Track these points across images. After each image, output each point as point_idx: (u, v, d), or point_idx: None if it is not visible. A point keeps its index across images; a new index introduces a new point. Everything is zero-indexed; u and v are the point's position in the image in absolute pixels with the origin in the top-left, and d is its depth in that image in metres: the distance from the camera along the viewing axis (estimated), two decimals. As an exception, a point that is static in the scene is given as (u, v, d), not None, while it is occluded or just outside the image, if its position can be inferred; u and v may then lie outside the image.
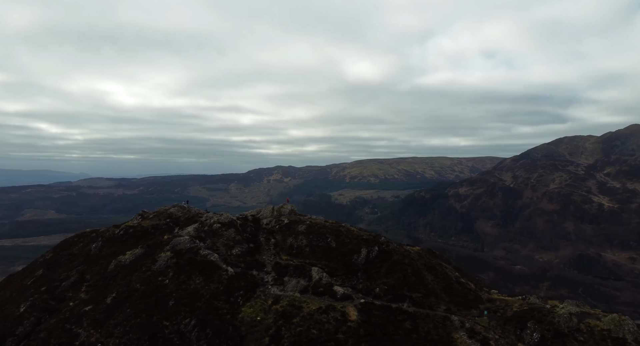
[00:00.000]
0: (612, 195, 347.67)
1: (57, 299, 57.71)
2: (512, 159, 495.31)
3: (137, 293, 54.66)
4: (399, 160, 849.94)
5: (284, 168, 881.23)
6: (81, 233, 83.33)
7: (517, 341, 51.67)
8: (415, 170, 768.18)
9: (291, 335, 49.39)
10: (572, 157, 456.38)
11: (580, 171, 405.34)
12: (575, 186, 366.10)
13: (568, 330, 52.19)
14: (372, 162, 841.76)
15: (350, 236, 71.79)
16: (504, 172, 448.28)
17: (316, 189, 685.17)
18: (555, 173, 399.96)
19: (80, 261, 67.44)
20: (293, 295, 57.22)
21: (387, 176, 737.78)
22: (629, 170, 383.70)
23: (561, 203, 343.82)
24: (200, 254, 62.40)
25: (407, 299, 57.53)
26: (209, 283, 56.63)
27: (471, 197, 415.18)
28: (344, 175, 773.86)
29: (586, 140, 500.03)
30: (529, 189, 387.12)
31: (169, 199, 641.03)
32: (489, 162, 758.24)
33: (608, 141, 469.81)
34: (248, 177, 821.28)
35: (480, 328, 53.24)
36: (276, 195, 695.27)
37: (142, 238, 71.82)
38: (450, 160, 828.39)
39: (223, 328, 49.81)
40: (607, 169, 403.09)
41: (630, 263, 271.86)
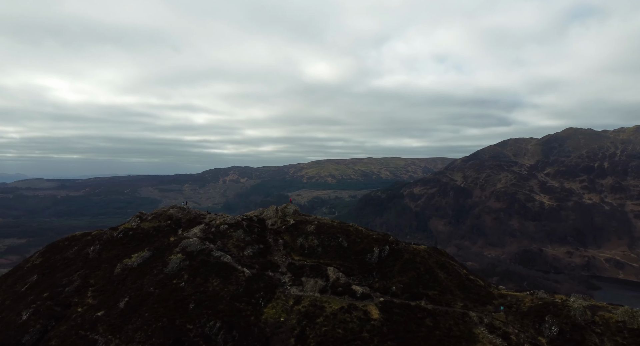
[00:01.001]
0: (551, 194, 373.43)
1: (63, 305, 55.42)
2: (462, 160, 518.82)
3: (152, 297, 53.26)
4: (355, 160, 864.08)
5: (240, 168, 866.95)
6: (71, 237, 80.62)
7: (536, 335, 52.73)
8: (371, 170, 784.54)
9: (317, 335, 49.54)
10: (516, 158, 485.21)
11: (523, 171, 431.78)
12: (520, 186, 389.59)
13: (585, 322, 53.65)
14: (329, 162, 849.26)
15: (360, 235, 72.23)
16: (455, 172, 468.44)
17: (274, 190, 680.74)
18: (501, 173, 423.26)
19: (79, 266, 64.92)
20: (313, 295, 57.30)
21: (344, 176, 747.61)
22: (565, 170, 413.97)
23: (507, 202, 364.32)
24: (213, 256, 61.34)
25: (423, 297, 58.46)
26: (227, 285, 55.80)
27: (425, 196, 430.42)
28: (302, 175, 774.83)
29: (528, 142, 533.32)
30: (478, 189, 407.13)
31: (118, 201, 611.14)
32: (440, 162, 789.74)
33: (547, 143, 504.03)
34: (203, 177, 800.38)
35: (499, 323, 54.27)
36: (232, 196, 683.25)
37: (145, 240, 69.89)
38: (404, 161, 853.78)
39: (249, 330, 49.33)
40: (547, 169, 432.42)
41: (567, 257, 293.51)
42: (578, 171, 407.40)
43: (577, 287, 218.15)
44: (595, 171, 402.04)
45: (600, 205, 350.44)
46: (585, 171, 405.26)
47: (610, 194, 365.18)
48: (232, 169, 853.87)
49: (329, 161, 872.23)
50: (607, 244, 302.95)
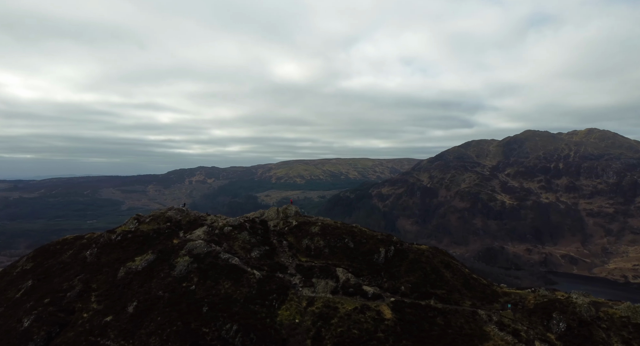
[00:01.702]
0: (512, 193, 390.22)
1: (66, 311, 53.71)
2: (428, 161, 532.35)
3: (163, 301, 52.27)
4: (324, 161, 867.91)
5: (207, 169, 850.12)
6: (62, 240, 78.36)
7: (545, 332, 54.08)
8: (340, 171, 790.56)
9: (332, 336, 49.73)
10: (478, 159, 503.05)
11: (486, 171, 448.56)
12: (482, 186, 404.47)
13: (590, 318, 55.30)
14: (297, 163, 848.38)
15: (365, 236, 72.56)
16: (422, 173, 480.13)
17: (242, 191, 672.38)
18: (465, 173, 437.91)
19: (78, 270, 63.04)
20: (325, 296, 57.33)
21: (312, 176, 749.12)
22: (524, 171, 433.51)
23: (471, 201, 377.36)
24: (221, 259, 60.61)
25: (432, 296, 59.19)
26: (239, 288, 55.26)
27: (393, 196, 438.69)
28: (270, 176, 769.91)
29: (490, 144, 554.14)
30: (443, 189, 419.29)
31: (77, 203, 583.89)
32: (406, 163, 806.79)
33: (507, 144, 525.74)
34: (168, 178, 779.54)
35: (508, 320, 55.31)
36: (199, 197, 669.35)
37: (145, 243, 68.41)
38: (372, 161, 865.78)
39: (266, 332, 49.08)
40: (507, 170, 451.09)
41: (527, 254, 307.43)
42: (536, 172, 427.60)
43: (536, 283, 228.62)
44: (551, 171, 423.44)
45: (556, 204, 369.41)
46: (542, 171, 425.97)
47: (565, 194, 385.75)
48: (198, 170, 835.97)
49: (298, 161, 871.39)
50: (563, 241, 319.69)
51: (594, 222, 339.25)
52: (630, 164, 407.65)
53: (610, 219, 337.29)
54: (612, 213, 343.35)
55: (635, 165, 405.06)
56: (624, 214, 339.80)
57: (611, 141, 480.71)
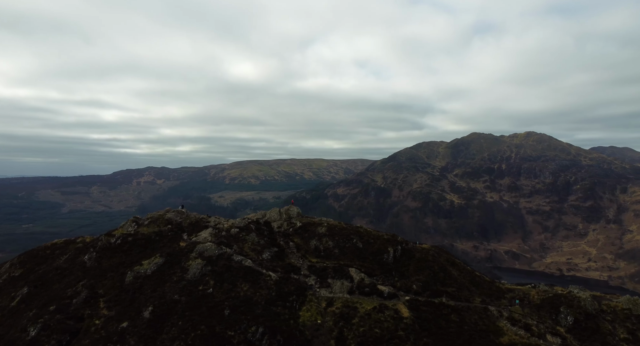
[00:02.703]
0: (460, 193, 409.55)
1: (74, 318, 51.71)
2: (382, 162, 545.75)
3: (180, 305, 51.18)
4: (279, 161, 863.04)
5: (156, 169, 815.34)
6: (51, 245, 75.63)
7: (554, 325, 56.09)
8: (295, 171, 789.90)
9: (355, 335, 49.98)
10: (429, 160, 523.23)
11: (436, 172, 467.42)
12: (433, 186, 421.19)
13: (595, 312, 57.80)
14: (252, 163, 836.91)
15: (371, 236, 73.07)
16: (376, 173, 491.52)
17: (194, 192, 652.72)
18: (417, 174, 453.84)
19: (79, 275, 60.71)
20: (342, 296, 57.50)
21: (267, 177, 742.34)
22: (471, 171, 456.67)
23: (422, 201, 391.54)
24: (234, 261, 59.78)
25: (443, 294, 60.27)
26: (257, 290, 54.55)
27: (348, 197, 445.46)
28: (224, 176, 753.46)
29: (439, 145, 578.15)
30: (396, 189, 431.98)
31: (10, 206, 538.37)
32: (360, 164, 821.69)
33: (455, 146, 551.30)
34: (114, 179, 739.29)
35: (518, 316, 56.99)
36: (148, 198, 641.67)
37: (148, 246, 66.53)
38: (326, 162, 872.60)
39: (292, 334, 48.76)
40: (455, 170, 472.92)
41: (474, 250, 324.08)
42: (481, 172, 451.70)
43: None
44: (495, 172, 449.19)
45: (499, 203, 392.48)
46: (487, 172, 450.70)
47: (508, 193, 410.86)
48: (147, 170, 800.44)
49: (252, 161, 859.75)
50: (506, 238, 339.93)
51: (533, 219, 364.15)
52: (563, 166, 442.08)
53: (547, 216, 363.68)
54: (548, 210, 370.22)
55: (568, 166, 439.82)
56: (559, 212, 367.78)
57: (547, 143, 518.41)
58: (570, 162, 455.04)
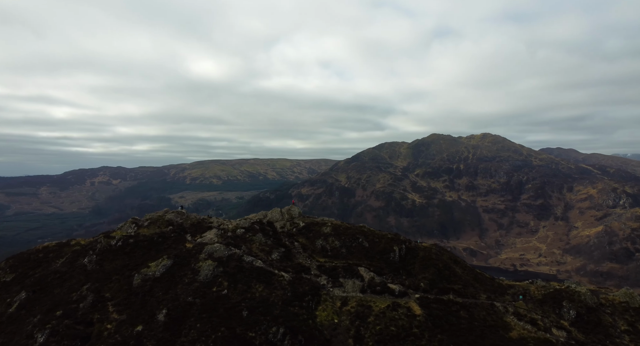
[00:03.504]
0: (421, 192, 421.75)
1: (84, 323, 50.38)
2: (345, 162, 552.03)
3: (196, 307, 50.56)
4: (242, 161, 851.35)
5: (111, 169, 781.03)
6: (42, 248, 73.10)
7: (558, 319, 57.85)
8: (258, 171, 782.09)
9: (372, 334, 50.51)
10: (391, 161, 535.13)
11: (398, 172, 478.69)
12: (395, 185, 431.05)
13: (595, 305, 59.95)
14: (213, 163, 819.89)
15: (376, 235, 73.57)
16: (340, 173, 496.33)
17: (153, 192, 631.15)
18: (380, 173, 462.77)
19: (81, 279, 59.11)
20: (355, 295, 57.80)
21: (230, 177, 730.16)
22: (431, 171, 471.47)
23: (385, 200, 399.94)
24: (245, 261, 59.40)
25: (450, 291, 61.23)
26: (273, 290, 54.35)
27: (312, 197, 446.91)
28: (184, 176, 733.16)
29: (401, 146, 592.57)
30: (360, 189, 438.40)
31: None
32: (323, 164, 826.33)
33: (416, 147, 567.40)
34: (65, 179, 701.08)
35: (524, 311, 58.49)
36: (103, 199, 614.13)
37: (152, 248, 65.15)
38: (290, 162, 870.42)
39: (312, 334, 48.91)
40: (416, 170, 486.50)
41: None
42: (441, 172, 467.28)
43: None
44: (454, 172, 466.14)
45: (458, 202, 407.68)
46: (446, 172, 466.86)
47: (466, 192, 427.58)
48: (101, 170, 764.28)
49: (214, 161, 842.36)
50: (464, 235, 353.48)
51: (489, 217, 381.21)
52: (516, 166, 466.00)
53: (502, 214, 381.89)
54: (503, 209, 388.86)
55: (520, 166, 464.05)
56: (512, 210, 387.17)
57: (501, 144, 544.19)
58: (523, 163, 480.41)
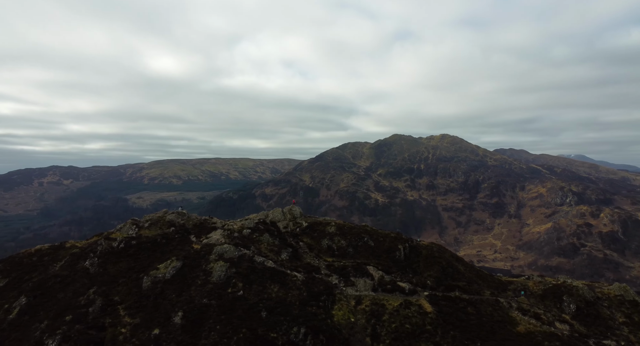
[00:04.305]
0: (383, 192, 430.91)
1: (96, 328, 49.23)
2: (309, 161, 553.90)
3: (212, 309, 50.00)
4: (203, 161, 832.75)
5: (62, 168, 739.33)
6: (35, 251, 70.08)
7: (560, 313, 59.72)
8: (220, 171, 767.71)
9: (388, 332, 51.18)
10: (354, 160, 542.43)
11: (361, 172, 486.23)
12: (359, 185, 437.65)
13: (593, 299, 62.04)
14: (173, 162, 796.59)
15: (380, 235, 74.16)
16: (304, 173, 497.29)
17: (108, 193, 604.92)
18: (343, 173, 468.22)
19: (85, 283, 57.52)
20: (368, 293, 58.21)
21: (190, 177, 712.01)
22: (393, 171, 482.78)
23: (349, 200, 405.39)
24: (257, 262, 59.14)
25: (456, 288, 62.42)
26: (288, 290, 54.26)
27: (276, 196, 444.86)
28: (142, 176, 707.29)
29: (363, 146, 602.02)
30: (324, 188, 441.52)
31: None
32: (287, 163, 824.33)
33: (378, 147, 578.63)
34: (9, 179, 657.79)
35: (527, 306, 60.09)
36: (53, 201, 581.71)
37: (156, 249, 64.04)
38: (253, 161, 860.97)
39: (333, 334, 49.28)
40: (379, 170, 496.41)
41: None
42: (402, 172, 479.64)
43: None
44: (415, 172, 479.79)
45: (419, 201, 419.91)
46: (407, 172, 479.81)
47: (426, 192, 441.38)
48: (51, 169, 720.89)
49: (173, 161, 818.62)
50: (425, 233, 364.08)
51: (448, 216, 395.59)
52: (473, 166, 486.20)
53: (460, 213, 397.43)
54: (461, 207, 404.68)
55: (477, 166, 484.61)
56: (470, 208, 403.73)
57: (459, 145, 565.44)
58: (479, 163, 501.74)
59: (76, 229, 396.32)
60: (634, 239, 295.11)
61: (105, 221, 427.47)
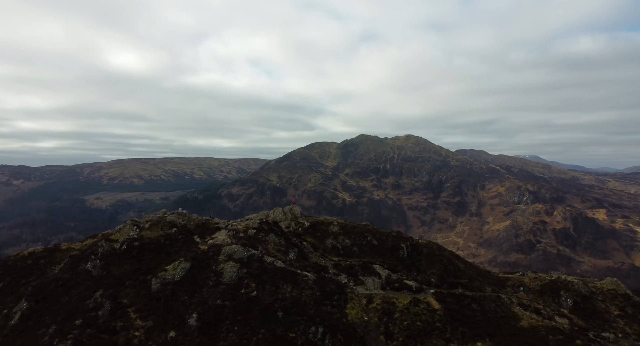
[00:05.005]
0: (350, 191, 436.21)
1: (108, 331, 48.33)
2: (276, 161, 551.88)
3: (227, 310, 49.72)
4: (166, 160, 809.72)
5: (12, 168, 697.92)
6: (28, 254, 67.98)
7: (558, 308, 61.55)
8: (184, 171, 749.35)
9: (401, 330, 51.98)
10: (321, 160, 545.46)
11: (328, 172, 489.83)
12: (326, 185, 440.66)
13: (588, 293, 63.99)
14: (134, 161, 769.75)
15: (382, 234, 74.56)
16: (271, 173, 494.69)
17: (64, 193, 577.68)
18: (311, 173, 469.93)
19: (89, 286, 56.20)
20: (377, 292, 58.68)
21: (152, 177, 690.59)
22: (360, 171, 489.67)
23: (316, 199, 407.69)
24: (267, 262, 59.01)
25: (458, 285, 63.57)
26: (301, 290, 54.22)
27: (244, 196, 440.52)
28: (101, 176, 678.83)
29: (330, 146, 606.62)
30: (292, 188, 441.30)
31: None
32: (253, 163, 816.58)
33: (345, 147, 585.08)
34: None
35: (527, 301, 61.77)
36: (3, 201, 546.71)
37: (161, 251, 63.13)
38: (218, 161, 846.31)
39: (350, 333, 49.51)
40: (346, 170, 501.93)
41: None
42: (369, 172, 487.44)
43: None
44: (381, 171, 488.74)
45: (385, 200, 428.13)
46: (374, 171, 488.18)
47: (392, 191, 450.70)
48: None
49: (134, 160, 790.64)
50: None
51: (413, 215, 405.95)
52: (437, 166, 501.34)
53: (424, 212, 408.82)
54: (425, 206, 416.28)
55: (440, 166, 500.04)
56: (434, 207, 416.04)
57: (423, 146, 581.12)
58: (442, 163, 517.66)
59: (28, 232, 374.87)
60: (583, 236, 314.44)
61: (61, 223, 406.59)
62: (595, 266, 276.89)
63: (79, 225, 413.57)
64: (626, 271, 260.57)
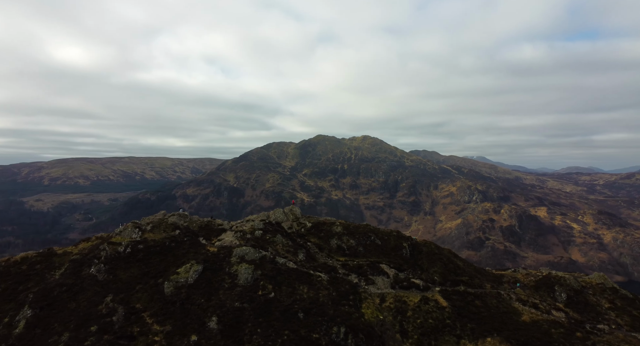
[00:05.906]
0: (309, 192, 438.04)
1: (125, 337, 47.11)
2: (233, 161, 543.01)
3: (247, 312, 49.68)
4: (114, 160, 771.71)
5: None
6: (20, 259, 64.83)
7: (554, 302, 64.12)
8: (134, 171, 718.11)
9: (415, 327, 53.12)
10: (279, 160, 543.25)
11: (286, 172, 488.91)
12: (284, 185, 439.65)
13: (579, 288, 66.69)
14: (79, 161, 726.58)
15: (384, 233, 75.44)
16: (228, 173, 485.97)
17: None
18: (269, 173, 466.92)
19: (98, 291, 54.57)
20: (387, 291, 59.33)
21: (100, 177, 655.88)
22: (318, 171, 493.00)
23: (275, 199, 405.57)
24: (279, 263, 58.82)
25: (460, 283, 65.19)
26: (318, 291, 54.46)
27: (199, 197, 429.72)
28: (41, 176, 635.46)
29: (288, 146, 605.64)
30: (249, 188, 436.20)
31: None
32: (208, 163, 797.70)
33: (303, 147, 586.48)
34: None
35: (525, 296, 63.94)
36: None
37: (168, 253, 61.72)
38: (171, 161, 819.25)
39: (369, 332, 50.15)
40: (304, 170, 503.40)
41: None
42: (327, 172, 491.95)
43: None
44: (338, 172, 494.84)
45: (343, 200, 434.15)
46: (332, 172, 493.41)
47: (350, 191, 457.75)
48: None
49: (79, 159, 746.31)
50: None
51: (370, 214, 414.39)
52: (393, 166, 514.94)
53: (381, 211, 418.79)
54: (382, 206, 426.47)
55: (396, 167, 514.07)
56: (390, 206, 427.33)
57: (379, 146, 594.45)
58: (397, 164, 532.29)
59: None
60: (527, 232, 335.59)
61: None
62: (537, 260, 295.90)
63: (17, 229, 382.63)
64: (564, 265, 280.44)
